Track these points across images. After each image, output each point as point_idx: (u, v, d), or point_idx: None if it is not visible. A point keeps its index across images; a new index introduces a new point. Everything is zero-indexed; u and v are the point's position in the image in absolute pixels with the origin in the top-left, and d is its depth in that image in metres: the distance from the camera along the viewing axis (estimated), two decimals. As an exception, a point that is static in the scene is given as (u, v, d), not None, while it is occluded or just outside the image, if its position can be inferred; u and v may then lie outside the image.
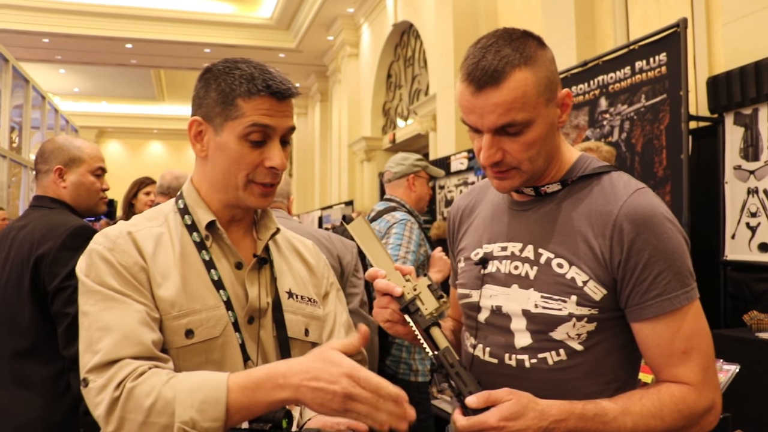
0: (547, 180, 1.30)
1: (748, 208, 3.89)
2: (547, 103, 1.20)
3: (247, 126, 1.23)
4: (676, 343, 1.18)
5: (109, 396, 1.06)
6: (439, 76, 8.87)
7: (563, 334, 1.22)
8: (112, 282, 1.17)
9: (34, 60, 15.18)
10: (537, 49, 1.20)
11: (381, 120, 12.95)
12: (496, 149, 1.21)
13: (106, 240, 1.23)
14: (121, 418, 1.05)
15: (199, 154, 1.30)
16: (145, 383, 1.06)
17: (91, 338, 1.13)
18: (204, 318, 1.22)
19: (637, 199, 1.20)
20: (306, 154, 18.33)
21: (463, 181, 7.35)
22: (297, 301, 1.37)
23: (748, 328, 3.45)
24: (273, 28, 14.68)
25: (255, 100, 1.24)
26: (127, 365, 1.09)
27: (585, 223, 1.22)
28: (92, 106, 22.40)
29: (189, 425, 1.03)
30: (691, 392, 1.18)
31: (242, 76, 1.25)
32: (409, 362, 2.87)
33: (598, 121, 4.78)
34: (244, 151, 1.25)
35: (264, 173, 1.27)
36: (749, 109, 3.88)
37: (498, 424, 1.07)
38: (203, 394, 1.05)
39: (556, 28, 6.08)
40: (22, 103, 8.75)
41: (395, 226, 2.88)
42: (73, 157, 2.27)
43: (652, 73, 4.27)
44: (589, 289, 1.20)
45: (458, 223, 1.52)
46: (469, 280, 1.38)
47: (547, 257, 1.25)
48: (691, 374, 1.18)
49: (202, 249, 1.28)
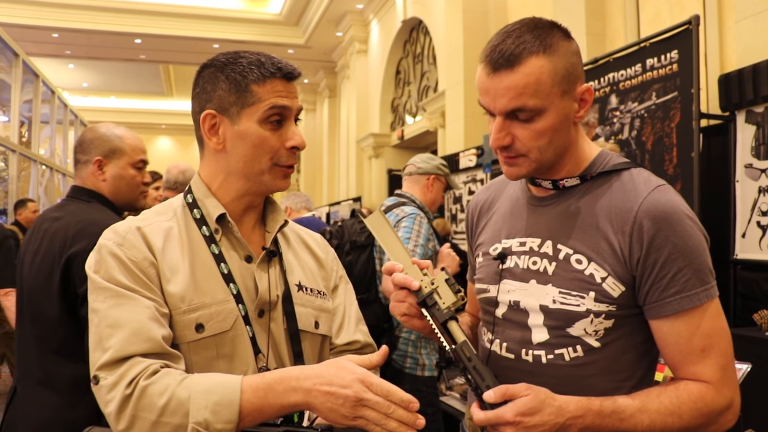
0: (564, 174, 1.29)
1: (759, 207, 3.87)
2: (563, 95, 1.19)
3: (267, 109, 1.25)
4: (695, 340, 1.18)
5: (121, 393, 1.06)
6: (448, 73, 8.85)
7: (581, 330, 1.22)
8: (121, 278, 1.17)
9: (43, 55, 15.24)
10: (560, 39, 1.20)
11: (389, 116, 12.94)
12: (505, 133, 1.21)
13: (116, 235, 1.23)
14: (133, 416, 1.05)
15: (216, 148, 1.30)
16: (158, 382, 1.07)
17: (101, 335, 1.14)
18: (214, 312, 1.22)
19: (658, 196, 1.20)
20: (314, 150, 18.34)
21: (471, 178, 7.33)
22: (307, 293, 1.37)
23: (758, 327, 3.44)
24: (282, 24, 14.68)
25: (268, 84, 1.26)
26: (138, 363, 1.09)
27: (605, 219, 1.22)
28: (101, 101, 22.47)
29: (203, 426, 1.03)
30: (710, 390, 1.17)
31: (250, 63, 1.27)
32: (415, 356, 2.88)
33: (609, 118, 4.76)
34: (266, 135, 1.26)
35: (287, 156, 1.29)
36: (761, 107, 3.86)
37: (514, 419, 1.07)
38: (218, 395, 1.06)
39: (566, 24, 5.94)
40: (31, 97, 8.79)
41: (405, 219, 2.88)
42: (113, 148, 2.17)
43: (663, 71, 4.25)
44: (607, 285, 1.20)
45: (477, 217, 1.52)
46: (487, 275, 1.38)
47: (566, 253, 1.24)
48: (710, 372, 1.18)
49: (212, 243, 1.28)
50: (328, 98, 17.06)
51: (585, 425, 1.11)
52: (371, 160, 12.83)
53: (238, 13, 14.37)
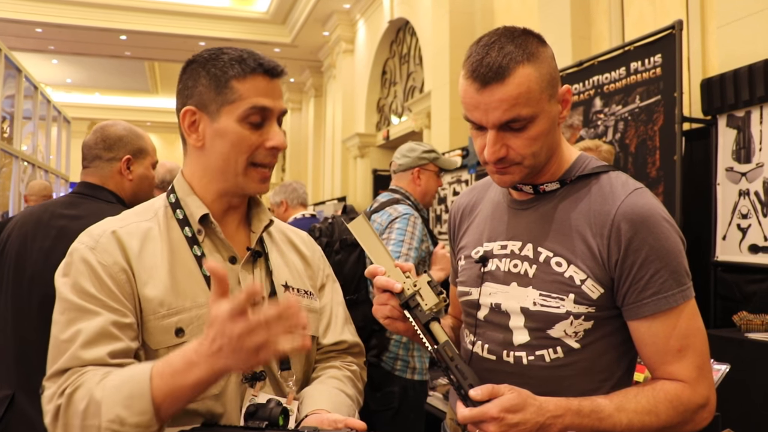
0: (546, 177, 1.31)
1: (740, 210, 3.92)
2: (550, 99, 1.23)
3: (246, 109, 1.23)
4: (672, 341, 1.20)
5: (54, 404, 1.07)
6: (434, 74, 8.86)
7: (560, 331, 1.23)
8: (87, 286, 1.16)
9: (26, 49, 15.05)
10: (538, 46, 1.22)
11: (375, 116, 12.93)
12: (500, 145, 1.22)
13: (90, 239, 1.22)
14: (65, 424, 1.05)
15: (195, 144, 1.29)
16: (81, 386, 1.06)
17: (57, 348, 1.13)
18: (194, 316, 1.21)
19: (635, 199, 1.22)
20: (299, 149, 18.28)
21: (456, 178, 7.35)
22: (293, 293, 1.36)
23: (738, 329, 3.48)
24: (268, 23, 14.62)
25: (249, 81, 1.24)
26: (75, 372, 1.08)
27: (583, 222, 1.24)
28: (85, 97, 22.24)
29: (117, 423, 1.01)
30: (686, 389, 1.20)
31: (232, 58, 1.25)
32: (406, 359, 2.82)
33: (593, 121, 4.79)
34: (244, 134, 1.24)
35: (264, 153, 1.26)
36: (742, 111, 3.90)
37: (499, 414, 1.08)
38: (128, 388, 1.04)
39: (551, 27, 6.09)
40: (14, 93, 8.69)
41: (398, 220, 2.82)
42: (140, 148, 2.12)
43: (647, 74, 4.29)
44: (586, 287, 1.22)
45: (459, 220, 1.53)
46: (469, 278, 1.39)
47: (546, 256, 1.26)
48: (686, 372, 1.20)
49: (194, 244, 1.26)
50: (313, 98, 17.01)
51: (565, 425, 1.13)
52: (356, 160, 12.82)
53: (224, 10, 14.28)
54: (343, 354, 1.46)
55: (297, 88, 18.35)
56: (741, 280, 3.89)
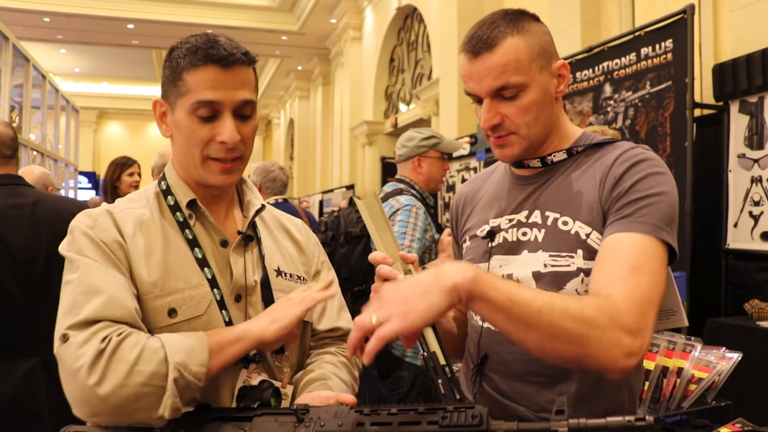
0: (551, 150, 1.35)
1: (752, 197, 3.88)
2: (541, 70, 1.27)
3: (193, 102, 1.21)
4: (624, 267, 1.12)
5: (95, 347, 1.06)
6: (442, 61, 8.82)
7: (572, 290, 1.24)
8: (94, 255, 1.18)
9: (34, 39, 15.08)
10: (530, 22, 1.29)
11: (383, 104, 12.90)
12: (494, 113, 1.27)
13: (88, 219, 1.24)
14: (105, 368, 1.05)
15: (165, 134, 1.32)
16: (129, 338, 1.09)
17: (75, 301, 1.13)
18: (187, 296, 1.22)
19: (634, 151, 1.26)
20: (307, 138, 18.28)
21: (464, 166, 7.32)
22: (286, 279, 1.37)
23: (749, 317, 3.46)
24: (276, 11, 14.57)
25: (199, 72, 1.21)
26: (110, 325, 1.10)
27: (588, 183, 1.27)
28: (93, 86, 22.33)
29: (182, 366, 1.07)
30: (613, 304, 1.07)
31: (188, 49, 1.22)
32: (417, 346, 2.82)
33: (602, 107, 4.75)
34: (194, 127, 1.23)
35: (217, 148, 1.24)
36: (755, 97, 3.86)
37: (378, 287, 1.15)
38: (188, 342, 1.11)
39: (561, 13, 6.03)
40: (22, 82, 8.70)
41: (400, 212, 2.81)
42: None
43: (658, 60, 4.24)
44: (592, 240, 1.23)
45: (462, 207, 1.56)
46: (476, 255, 1.41)
47: (553, 218, 1.29)
48: (622, 293, 1.09)
49: (186, 228, 1.28)
50: (321, 85, 16.98)
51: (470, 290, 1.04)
52: (364, 147, 12.80)
53: (231, -2, 14.26)
54: (338, 341, 1.46)
55: (305, 76, 18.32)
56: (753, 267, 3.86)
